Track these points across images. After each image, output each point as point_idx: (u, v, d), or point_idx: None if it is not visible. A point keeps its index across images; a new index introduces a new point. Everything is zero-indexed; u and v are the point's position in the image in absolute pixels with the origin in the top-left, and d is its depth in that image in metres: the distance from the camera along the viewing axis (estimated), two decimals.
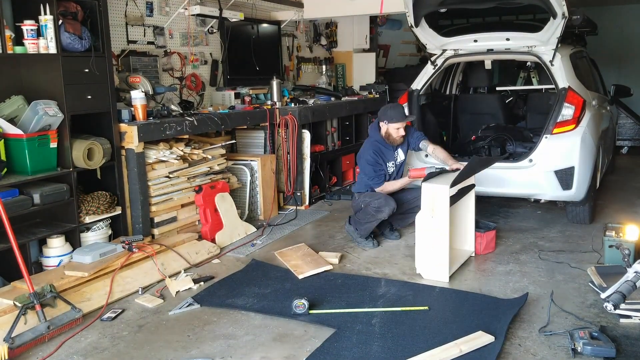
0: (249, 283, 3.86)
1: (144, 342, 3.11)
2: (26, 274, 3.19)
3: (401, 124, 4.61)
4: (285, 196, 5.85)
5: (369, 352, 2.89)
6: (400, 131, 4.63)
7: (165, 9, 5.34)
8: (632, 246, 3.81)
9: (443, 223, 3.77)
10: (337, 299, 3.55)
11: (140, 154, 4.32)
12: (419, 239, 3.90)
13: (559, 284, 3.76)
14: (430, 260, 3.86)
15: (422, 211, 3.85)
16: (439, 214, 3.78)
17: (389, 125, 4.61)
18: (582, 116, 4.78)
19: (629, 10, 10.16)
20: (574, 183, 4.68)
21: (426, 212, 3.82)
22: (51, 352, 3.01)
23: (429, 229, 3.82)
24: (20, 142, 3.72)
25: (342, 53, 8.22)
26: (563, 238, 4.73)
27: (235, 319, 3.36)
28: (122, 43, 4.92)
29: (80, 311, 3.32)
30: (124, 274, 3.82)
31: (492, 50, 5.38)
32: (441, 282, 3.79)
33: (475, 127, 6.04)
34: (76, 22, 3.97)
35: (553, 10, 4.64)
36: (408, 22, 5.29)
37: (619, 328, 3.07)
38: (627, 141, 8.65)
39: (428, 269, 3.89)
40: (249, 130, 5.88)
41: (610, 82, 6.78)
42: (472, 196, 4.34)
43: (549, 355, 2.84)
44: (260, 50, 6.46)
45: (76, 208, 4.01)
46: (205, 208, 4.79)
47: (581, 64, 5.72)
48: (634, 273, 3.04)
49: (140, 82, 4.64)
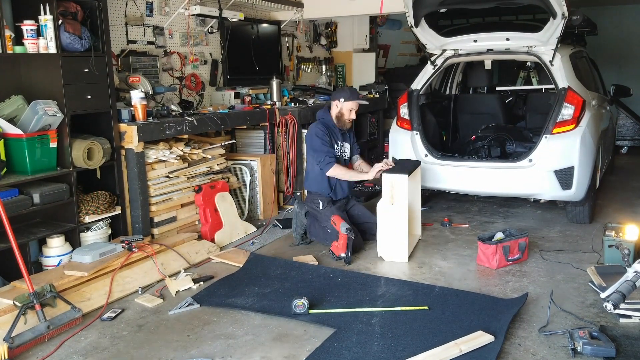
0: (248, 283, 3.86)
1: (143, 341, 3.11)
2: (26, 274, 3.19)
3: (355, 104, 4.69)
4: (285, 196, 5.85)
5: (369, 352, 2.89)
6: (353, 114, 4.73)
7: (165, 9, 5.34)
8: (632, 246, 3.81)
9: (402, 209, 4.15)
10: (337, 299, 3.55)
11: (140, 153, 4.32)
12: (381, 226, 4.23)
13: (559, 283, 3.76)
14: (391, 244, 4.21)
15: (383, 199, 4.20)
16: (399, 200, 4.15)
17: (343, 104, 4.68)
18: (582, 116, 4.78)
19: (629, 10, 10.16)
20: (573, 183, 4.69)
21: (386, 199, 4.19)
22: (51, 352, 3.01)
23: (390, 215, 4.18)
24: (20, 142, 3.72)
25: (342, 53, 8.22)
26: (563, 238, 4.74)
27: (235, 318, 3.36)
28: (122, 43, 4.92)
29: (80, 311, 3.32)
30: (123, 274, 3.82)
31: (491, 50, 5.38)
32: (400, 263, 4.18)
33: (475, 127, 6.05)
34: (76, 22, 3.97)
35: (553, 10, 4.64)
36: (408, 22, 5.30)
37: (618, 328, 3.06)
38: (627, 141, 8.66)
39: (389, 252, 4.23)
40: (249, 130, 5.88)
41: (610, 82, 6.78)
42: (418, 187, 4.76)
43: (548, 355, 2.84)
44: (260, 50, 6.46)
45: (76, 208, 4.01)
46: (205, 208, 4.79)
47: (581, 64, 5.72)
48: (633, 273, 3.03)
49: (140, 82, 4.64)
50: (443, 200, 5.97)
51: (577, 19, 5.27)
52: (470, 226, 5.08)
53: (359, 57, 8.27)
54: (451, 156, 5.27)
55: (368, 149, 7.07)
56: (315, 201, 4.70)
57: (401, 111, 5.45)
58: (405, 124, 5.36)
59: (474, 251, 4.28)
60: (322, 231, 4.61)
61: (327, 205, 4.64)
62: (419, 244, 4.63)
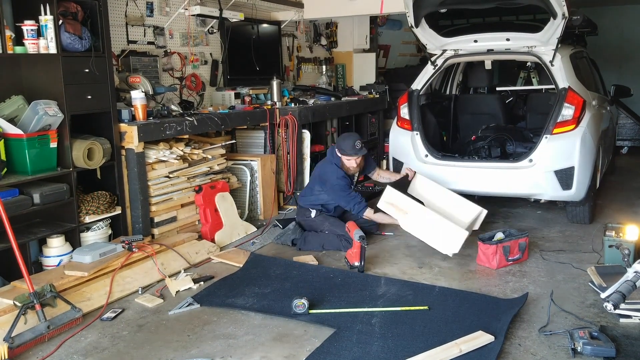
0: (248, 283, 3.86)
1: (143, 341, 3.11)
2: (26, 274, 3.19)
3: (352, 158, 4.61)
4: (285, 196, 5.85)
5: (369, 352, 2.89)
6: (352, 162, 4.63)
7: (166, 9, 5.34)
8: (632, 246, 3.81)
9: (418, 209, 4.27)
10: (337, 299, 3.55)
11: (140, 153, 4.32)
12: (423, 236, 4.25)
13: (559, 283, 3.76)
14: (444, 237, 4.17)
15: (400, 220, 4.32)
16: (406, 207, 4.28)
17: (349, 161, 4.64)
18: (582, 116, 4.78)
19: (629, 10, 10.16)
20: (573, 183, 4.68)
21: (399, 218, 4.32)
22: (51, 352, 3.01)
23: (415, 221, 4.26)
24: (20, 142, 3.72)
25: (342, 53, 8.22)
26: (563, 238, 4.73)
27: (235, 318, 3.36)
28: (122, 43, 4.92)
29: (80, 311, 3.32)
30: (123, 274, 3.82)
31: (492, 51, 5.38)
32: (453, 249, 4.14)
33: (475, 127, 6.04)
34: (76, 22, 3.97)
35: (553, 10, 4.64)
36: (408, 23, 5.30)
37: (618, 328, 3.06)
38: (627, 141, 8.66)
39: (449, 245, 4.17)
40: (249, 130, 5.88)
41: (610, 82, 6.78)
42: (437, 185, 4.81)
43: (548, 355, 2.84)
44: (261, 50, 6.47)
45: (76, 208, 4.01)
46: (205, 208, 4.80)
47: (581, 64, 5.72)
48: (633, 273, 3.03)
49: (140, 82, 4.65)
50: None
51: (578, 19, 5.27)
52: None
53: (359, 57, 8.27)
54: (451, 156, 5.27)
55: (368, 149, 7.05)
56: (306, 213, 4.77)
57: (401, 111, 5.45)
58: (406, 124, 5.36)
59: (474, 251, 4.28)
60: (317, 239, 4.62)
61: (318, 214, 4.72)
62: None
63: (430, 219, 4.23)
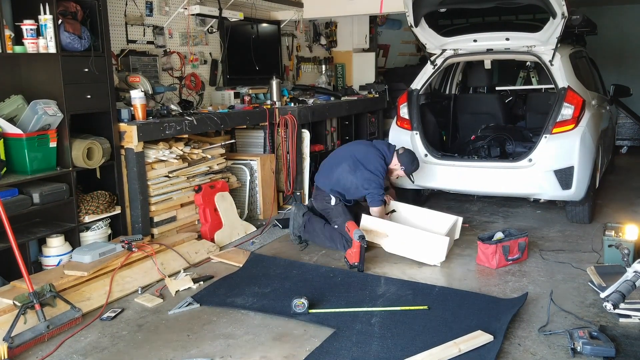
0: (248, 282, 3.85)
1: (143, 341, 3.11)
2: (26, 274, 3.19)
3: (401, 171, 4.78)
4: (284, 196, 5.85)
5: (369, 352, 2.89)
6: (397, 173, 4.82)
7: (165, 9, 5.34)
8: (632, 246, 3.81)
9: (396, 228, 4.32)
10: (336, 298, 3.55)
11: (139, 153, 4.32)
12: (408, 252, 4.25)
13: (559, 283, 3.76)
14: (427, 248, 4.18)
15: (382, 244, 4.35)
16: (385, 228, 4.34)
17: (399, 171, 4.77)
18: (582, 116, 4.78)
19: (629, 10, 10.16)
20: (573, 183, 4.68)
21: (382, 242, 4.36)
22: (51, 352, 3.01)
23: (397, 240, 4.28)
24: (20, 141, 3.72)
25: (341, 53, 8.21)
26: (562, 238, 4.73)
27: (235, 318, 3.36)
28: (121, 43, 4.92)
29: (79, 311, 3.32)
30: (123, 274, 3.82)
31: (491, 50, 5.38)
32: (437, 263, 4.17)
33: (474, 126, 6.05)
34: (76, 21, 3.97)
35: (553, 10, 4.64)
36: (408, 22, 5.30)
37: (618, 327, 3.07)
38: (627, 141, 8.66)
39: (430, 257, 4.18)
40: (249, 129, 5.87)
41: (610, 82, 6.78)
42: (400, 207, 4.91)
43: (548, 354, 2.84)
44: (260, 50, 6.46)
45: (75, 207, 4.01)
46: (205, 207, 4.79)
47: (581, 63, 5.72)
48: (633, 272, 3.04)
49: (139, 82, 4.64)
50: (443, 200, 5.97)
51: (577, 19, 5.26)
52: (470, 226, 5.08)
53: (359, 56, 8.26)
54: (451, 156, 5.28)
55: None
56: (326, 198, 4.72)
57: (401, 111, 5.45)
58: (405, 123, 5.36)
59: (474, 251, 4.28)
60: (320, 232, 4.61)
61: (338, 202, 4.67)
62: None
63: (409, 235, 4.27)
